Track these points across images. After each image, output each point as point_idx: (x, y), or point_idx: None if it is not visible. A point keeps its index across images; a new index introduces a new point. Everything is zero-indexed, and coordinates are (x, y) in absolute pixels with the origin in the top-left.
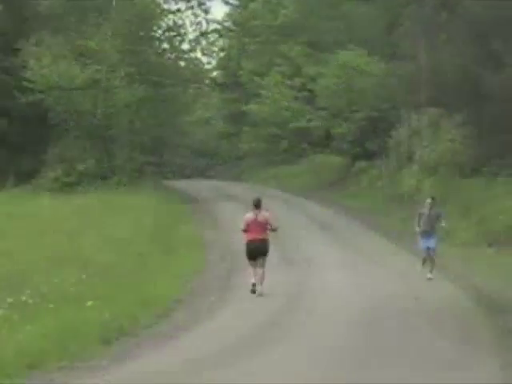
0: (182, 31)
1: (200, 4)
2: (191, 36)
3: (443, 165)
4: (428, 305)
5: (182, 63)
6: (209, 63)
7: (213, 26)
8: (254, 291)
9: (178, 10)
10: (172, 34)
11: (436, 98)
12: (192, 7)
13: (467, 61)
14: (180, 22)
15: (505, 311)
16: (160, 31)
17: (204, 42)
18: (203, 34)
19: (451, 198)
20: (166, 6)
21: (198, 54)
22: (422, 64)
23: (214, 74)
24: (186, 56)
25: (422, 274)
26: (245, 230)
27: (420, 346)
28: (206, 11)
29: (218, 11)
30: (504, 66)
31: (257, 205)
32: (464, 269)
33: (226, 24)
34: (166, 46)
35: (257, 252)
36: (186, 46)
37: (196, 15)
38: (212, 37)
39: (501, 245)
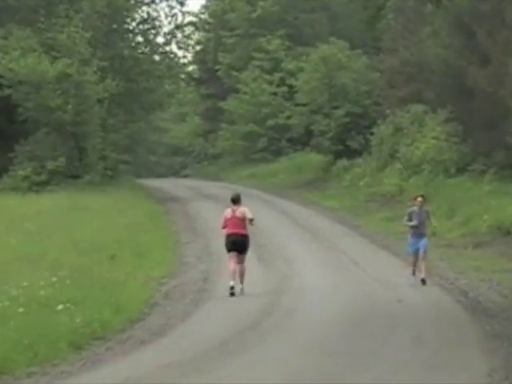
0: (157, 24)
1: None
2: (166, 29)
3: (427, 163)
4: (412, 308)
5: (157, 57)
6: (184, 57)
7: (189, 19)
8: (232, 294)
9: (153, 2)
10: (146, 26)
11: (420, 93)
12: None
13: (452, 55)
14: (154, 14)
15: (491, 315)
16: (134, 24)
17: (179, 35)
18: (179, 27)
19: (435, 198)
20: None
21: (174, 48)
22: (406, 58)
23: (190, 68)
24: (160, 50)
25: (416, 282)
26: (224, 227)
27: (403, 351)
28: (182, 3)
29: (194, 3)
30: (490, 60)
31: (235, 200)
32: (449, 271)
33: (203, 16)
34: (139, 39)
35: (236, 245)
36: (160, 40)
37: (171, 7)
38: (188, 30)
39: (486, 246)
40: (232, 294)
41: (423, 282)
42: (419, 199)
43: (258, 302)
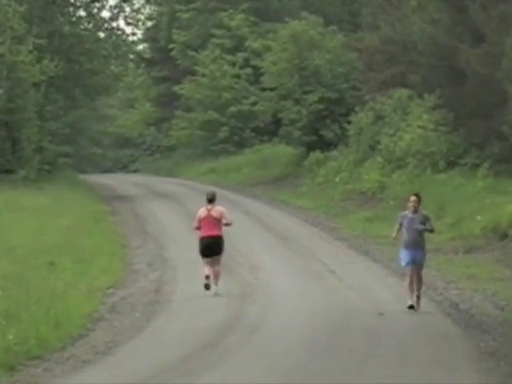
0: None
1: None
2: (112, 2)
3: (412, 156)
4: (395, 322)
5: (102, 34)
6: (134, 34)
7: None
8: (207, 286)
9: None
10: None
11: (404, 76)
12: None
13: (441, 32)
14: None
15: (486, 330)
16: None
17: (128, 9)
18: (126, 0)
19: (422, 196)
20: None
21: (121, 24)
22: (388, 36)
23: (140, 47)
24: (106, 26)
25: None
26: (198, 228)
27: (385, 371)
28: None
29: None
30: (484, 38)
31: (211, 199)
32: (437, 280)
33: None
34: (82, 13)
35: (211, 249)
36: (106, 14)
37: None
38: (137, 3)
39: (480, 250)
40: (207, 287)
41: (411, 307)
42: (412, 199)
43: (220, 315)
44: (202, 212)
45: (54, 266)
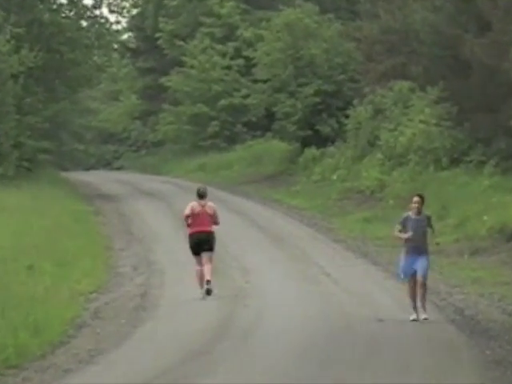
0: None
1: None
2: None
3: (414, 152)
4: (395, 329)
5: (84, 23)
6: (118, 23)
7: None
8: (209, 291)
9: None
10: None
11: (405, 67)
12: None
13: (444, 20)
14: None
15: (492, 337)
16: None
17: None
18: None
19: (424, 195)
20: None
21: (105, 12)
22: (388, 24)
23: (125, 36)
24: (88, 13)
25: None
26: (189, 224)
27: (386, 381)
28: None
29: None
30: (490, 27)
31: (202, 195)
32: (441, 284)
33: None
34: (63, 0)
35: (203, 245)
36: (88, 1)
37: None
38: None
39: (486, 253)
40: (208, 293)
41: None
42: (416, 200)
43: (209, 322)
44: (196, 207)
45: (34, 269)
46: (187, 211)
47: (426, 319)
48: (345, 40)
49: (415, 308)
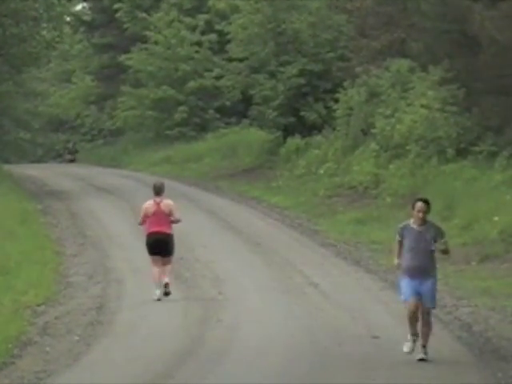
0: None
1: None
2: None
3: (415, 142)
4: (392, 347)
5: None
6: None
7: None
8: (167, 294)
9: None
10: None
11: (404, 43)
12: None
13: None
14: None
15: (505, 357)
16: None
17: None
18: None
19: (426, 192)
20: None
21: None
22: None
23: (78, 8)
24: None
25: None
26: (143, 223)
27: None
28: None
29: None
30: None
31: (158, 191)
32: (446, 295)
33: None
34: None
35: (160, 247)
36: None
37: None
38: None
39: (497, 259)
40: (166, 294)
41: (425, 354)
42: (419, 206)
43: (175, 340)
44: (150, 206)
45: None
46: (141, 214)
47: (421, 360)
48: (334, 12)
49: (414, 335)
